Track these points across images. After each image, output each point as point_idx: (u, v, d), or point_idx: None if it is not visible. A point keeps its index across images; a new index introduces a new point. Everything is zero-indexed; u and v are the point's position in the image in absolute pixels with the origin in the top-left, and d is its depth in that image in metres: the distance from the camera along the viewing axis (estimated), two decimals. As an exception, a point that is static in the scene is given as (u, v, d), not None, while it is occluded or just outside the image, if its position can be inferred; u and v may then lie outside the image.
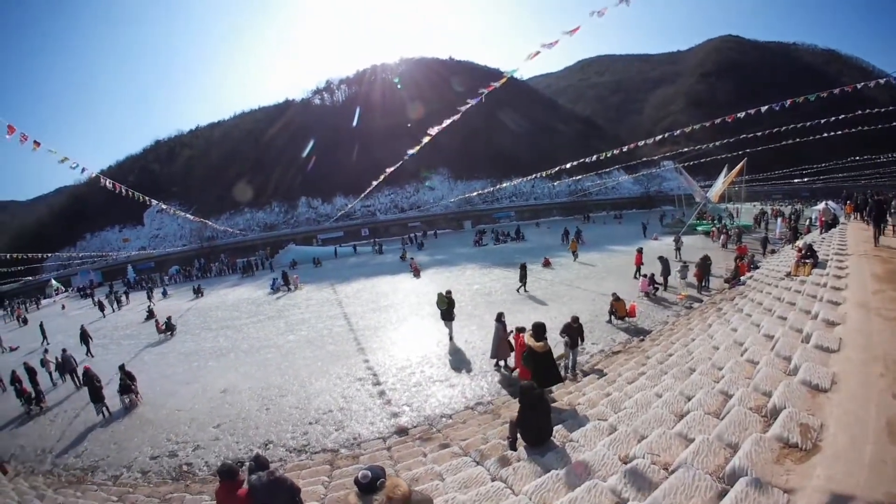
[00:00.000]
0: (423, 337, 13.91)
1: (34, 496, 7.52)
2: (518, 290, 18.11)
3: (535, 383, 5.64)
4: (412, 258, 31.67)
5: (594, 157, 17.56)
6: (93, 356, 17.53)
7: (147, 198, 15.25)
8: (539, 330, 7.25)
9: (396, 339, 14.36)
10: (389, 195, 65.47)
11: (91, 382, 11.44)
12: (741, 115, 14.20)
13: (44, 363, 15.50)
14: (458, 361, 11.63)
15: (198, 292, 29.92)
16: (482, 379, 10.40)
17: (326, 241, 55.05)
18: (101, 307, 28.44)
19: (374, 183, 21.46)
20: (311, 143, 69.50)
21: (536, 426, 5.17)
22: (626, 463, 3.93)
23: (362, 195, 32.24)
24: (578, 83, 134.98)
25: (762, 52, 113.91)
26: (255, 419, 10.04)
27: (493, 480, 4.47)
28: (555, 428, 5.39)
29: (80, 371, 13.85)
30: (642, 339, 11.56)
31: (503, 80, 10.24)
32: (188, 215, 25.23)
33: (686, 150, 31.26)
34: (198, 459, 8.83)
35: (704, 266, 15.95)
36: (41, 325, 22.98)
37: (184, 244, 61.02)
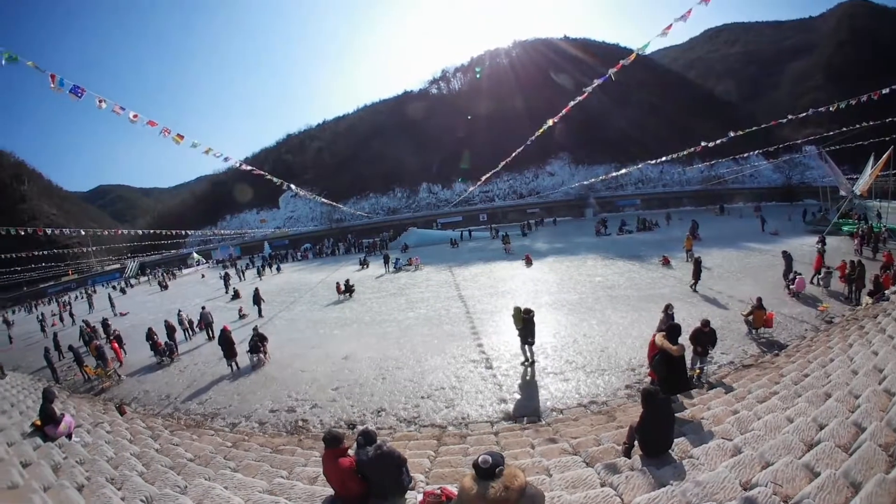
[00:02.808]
0: (541, 326, 13.23)
1: (149, 436, 8.48)
2: (692, 287, 16.13)
3: (660, 389, 5.20)
4: (508, 244, 31.47)
5: (728, 136, 15.87)
6: (262, 317, 19.55)
7: (285, 183, 16.63)
8: (674, 331, 6.66)
9: (512, 326, 14.14)
10: (508, 181, 64.89)
11: (226, 340, 12.91)
12: (886, 91, 12.12)
13: (180, 321, 18.07)
14: (576, 355, 11.10)
15: (363, 263, 32.54)
16: (599, 377, 9.81)
17: (445, 225, 56.57)
18: (227, 278, 32.19)
19: (493, 170, 21.41)
20: (429, 131, 71.34)
21: (657, 435, 4.79)
22: (746, 489, 3.69)
23: (481, 181, 32.39)
24: (707, 55, 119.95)
25: (894, 19, 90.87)
26: (371, 387, 10.62)
27: (602, 486, 4.25)
28: (675, 440, 5.00)
29: (216, 328, 15.98)
30: (777, 354, 10.13)
31: (632, 56, 9.46)
32: (320, 198, 27.25)
33: (831, 133, 26.16)
34: (314, 417, 9.56)
35: (861, 274, 13.53)
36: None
37: (315, 225, 66.90)
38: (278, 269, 38.00)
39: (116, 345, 16.01)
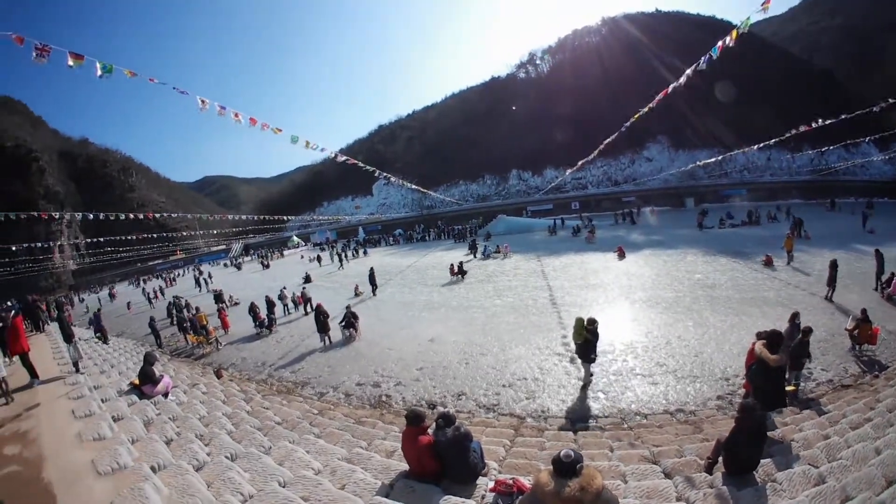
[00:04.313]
0: (632, 324, 12.88)
1: (241, 399, 9.19)
2: (827, 297, 13.86)
3: (758, 403, 4.81)
4: (592, 233, 30.50)
5: (839, 118, 14.19)
6: (375, 295, 20.87)
7: (377, 171, 17.30)
8: (775, 339, 6.07)
9: (602, 322, 13.47)
10: (602, 167, 61.86)
11: (320, 315, 13.90)
12: None
13: (281, 297, 19.87)
14: (667, 358, 10.41)
15: (473, 248, 31.27)
16: (690, 384, 9.11)
17: (536, 213, 55.57)
18: (319, 259, 34.80)
19: (587, 158, 20.49)
20: (518, 117, 70.30)
21: (745, 454, 4.49)
22: (822, 524, 3.44)
23: (574, 167, 30.99)
24: (808, 27, 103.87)
25: None
26: (454, 370, 10.87)
27: (678, 500, 4.11)
28: (761, 461, 4.67)
29: (313, 303, 16.90)
30: (876, 375, 8.86)
31: (734, 35, 8.62)
32: (411, 186, 27.96)
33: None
34: (397, 394, 10.01)
35: None
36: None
37: (406, 212, 69.37)
38: (365, 252, 39.88)
39: (225, 314, 17.83)
